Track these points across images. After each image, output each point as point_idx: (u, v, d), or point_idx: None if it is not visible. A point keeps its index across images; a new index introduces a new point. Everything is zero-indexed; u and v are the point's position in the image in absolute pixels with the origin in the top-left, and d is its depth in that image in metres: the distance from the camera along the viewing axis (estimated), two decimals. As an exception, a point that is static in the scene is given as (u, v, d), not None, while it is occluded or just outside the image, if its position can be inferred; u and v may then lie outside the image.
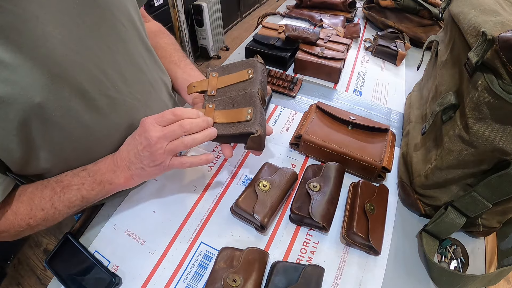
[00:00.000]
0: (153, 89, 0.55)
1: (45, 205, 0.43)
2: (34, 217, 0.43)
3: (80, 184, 0.44)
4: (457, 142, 0.42)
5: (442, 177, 0.47)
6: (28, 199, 0.43)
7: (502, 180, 0.39)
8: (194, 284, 0.45)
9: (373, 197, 0.52)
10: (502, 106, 0.35)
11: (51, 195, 0.43)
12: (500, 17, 0.37)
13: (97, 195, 0.46)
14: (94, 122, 0.44)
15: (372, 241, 0.46)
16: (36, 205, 0.43)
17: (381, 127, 0.62)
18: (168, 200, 0.55)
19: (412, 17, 0.98)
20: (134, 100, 0.49)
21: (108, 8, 0.43)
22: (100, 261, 0.47)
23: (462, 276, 0.44)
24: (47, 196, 0.43)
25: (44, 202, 0.43)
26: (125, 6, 0.48)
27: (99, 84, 0.43)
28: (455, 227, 0.46)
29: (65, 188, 0.44)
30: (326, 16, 1.06)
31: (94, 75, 0.42)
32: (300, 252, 0.49)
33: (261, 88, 0.51)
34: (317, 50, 0.82)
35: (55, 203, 0.43)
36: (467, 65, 0.40)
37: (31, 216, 0.43)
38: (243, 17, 3.20)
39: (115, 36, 0.45)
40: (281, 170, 0.55)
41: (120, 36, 0.46)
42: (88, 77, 0.41)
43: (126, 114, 0.48)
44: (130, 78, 0.48)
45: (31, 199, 0.43)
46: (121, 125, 0.48)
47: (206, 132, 0.45)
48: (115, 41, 0.45)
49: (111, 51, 0.44)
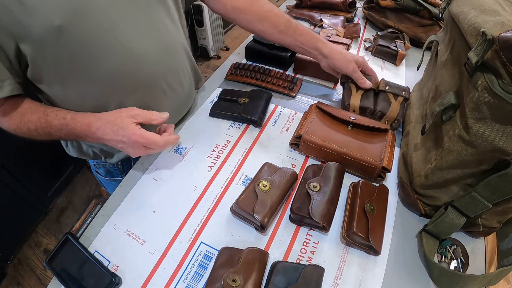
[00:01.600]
0: (168, 50, 0.59)
1: (30, 126, 0.53)
2: (20, 129, 0.53)
3: (59, 128, 0.53)
4: (457, 142, 0.42)
5: (442, 177, 0.47)
6: (22, 113, 0.52)
7: (502, 180, 0.39)
8: (194, 284, 0.45)
9: (373, 197, 0.52)
10: (502, 106, 0.35)
11: (36, 121, 0.52)
12: (500, 17, 0.37)
13: (73, 139, 0.58)
14: (103, 62, 0.50)
15: (372, 241, 0.46)
16: (24, 122, 0.52)
17: (381, 127, 0.62)
18: (168, 200, 0.55)
19: (412, 17, 0.98)
20: (141, 52, 0.53)
21: None
22: (100, 261, 0.47)
23: (462, 276, 0.44)
24: (33, 121, 0.52)
25: (30, 124, 0.52)
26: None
27: (115, 28, 0.48)
28: (455, 227, 0.46)
29: (47, 123, 0.52)
30: (326, 16, 1.06)
31: (113, 20, 0.48)
32: (300, 252, 0.49)
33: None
34: (317, 50, 0.81)
35: (38, 129, 0.53)
36: (467, 65, 0.40)
37: (19, 127, 0.53)
38: (243, 17, 3.20)
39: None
40: (281, 170, 0.55)
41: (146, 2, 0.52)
42: (108, 20, 0.47)
43: (129, 62, 0.52)
44: (144, 35, 0.53)
45: (23, 114, 0.52)
46: (122, 73, 0.52)
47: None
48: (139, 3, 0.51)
49: (136, 6, 0.51)
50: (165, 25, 0.57)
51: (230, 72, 0.82)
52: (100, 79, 0.51)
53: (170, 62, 0.59)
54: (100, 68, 0.50)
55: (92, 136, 0.52)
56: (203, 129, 0.68)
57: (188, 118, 0.71)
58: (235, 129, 0.68)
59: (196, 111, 0.73)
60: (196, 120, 0.70)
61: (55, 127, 0.52)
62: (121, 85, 0.54)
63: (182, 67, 0.64)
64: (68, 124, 0.52)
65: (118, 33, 0.49)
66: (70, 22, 0.43)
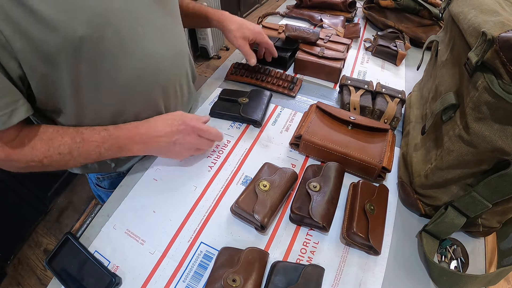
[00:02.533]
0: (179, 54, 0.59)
1: (64, 150, 0.47)
2: (50, 158, 0.47)
3: (100, 142, 0.49)
4: (457, 142, 0.42)
5: (442, 177, 0.47)
6: (48, 139, 0.46)
7: (502, 180, 0.39)
8: (194, 284, 0.45)
9: (373, 197, 0.52)
10: (502, 106, 0.35)
11: (70, 143, 0.47)
12: (500, 17, 0.37)
13: (112, 155, 0.52)
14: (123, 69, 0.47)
15: (372, 241, 0.46)
16: (54, 148, 0.46)
17: (381, 127, 0.62)
18: (168, 200, 0.55)
19: (412, 17, 0.98)
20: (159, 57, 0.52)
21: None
22: (100, 261, 0.47)
23: (462, 276, 0.44)
24: (67, 143, 0.47)
25: (63, 148, 0.47)
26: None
27: (135, 34, 0.47)
28: (455, 227, 0.46)
29: (84, 141, 0.48)
30: (326, 16, 1.06)
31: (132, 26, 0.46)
32: (300, 252, 0.49)
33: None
34: (317, 50, 0.82)
35: (73, 151, 0.48)
36: (467, 65, 0.40)
37: (47, 156, 0.46)
38: (243, 17, 3.20)
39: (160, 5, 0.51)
40: (281, 170, 0.55)
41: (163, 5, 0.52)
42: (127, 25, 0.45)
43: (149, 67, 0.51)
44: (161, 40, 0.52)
45: (50, 140, 0.46)
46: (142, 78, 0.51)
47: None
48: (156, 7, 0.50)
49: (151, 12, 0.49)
50: (176, 29, 0.57)
51: (230, 72, 0.82)
52: (119, 86, 0.49)
53: (181, 65, 0.60)
54: (121, 75, 0.48)
55: (139, 140, 0.51)
56: (203, 129, 0.68)
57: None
58: (235, 129, 0.68)
59: (196, 111, 0.73)
60: (196, 120, 0.70)
61: (95, 142, 0.48)
62: (139, 91, 0.52)
63: (187, 69, 0.64)
64: (111, 134, 0.50)
65: (137, 38, 0.48)
66: (92, 31, 0.41)
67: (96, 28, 0.41)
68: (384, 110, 0.66)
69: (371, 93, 0.71)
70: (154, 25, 0.51)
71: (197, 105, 0.74)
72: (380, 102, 0.68)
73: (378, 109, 0.67)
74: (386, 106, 0.67)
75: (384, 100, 0.68)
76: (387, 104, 0.67)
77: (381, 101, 0.68)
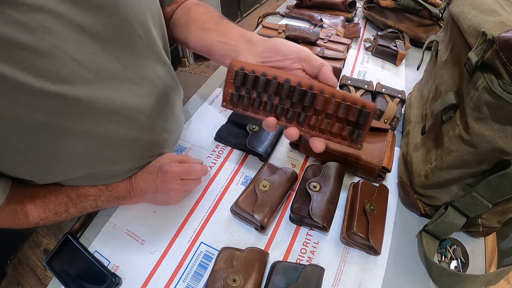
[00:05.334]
0: (163, 99, 0.51)
1: (59, 210, 0.45)
2: (46, 219, 0.45)
3: (97, 195, 0.48)
4: (457, 142, 0.42)
5: (442, 177, 0.47)
6: (42, 202, 0.44)
7: (502, 180, 0.39)
8: (194, 284, 0.45)
9: (373, 197, 0.52)
10: (502, 106, 0.35)
11: (66, 201, 0.46)
12: (500, 17, 0.37)
13: (109, 205, 0.51)
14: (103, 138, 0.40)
15: (372, 241, 0.46)
16: (50, 210, 0.45)
17: (381, 127, 0.62)
18: (168, 200, 0.55)
19: (412, 17, 0.97)
20: (142, 115, 0.45)
21: (126, 18, 0.39)
22: (100, 261, 0.47)
23: (462, 276, 0.44)
24: (62, 202, 0.45)
25: (58, 208, 0.45)
26: (144, 14, 0.43)
27: (111, 103, 0.39)
28: (455, 227, 0.46)
29: (81, 196, 0.46)
30: (326, 16, 1.06)
31: (104, 94, 0.38)
32: (300, 252, 0.49)
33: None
34: (317, 50, 0.82)
35: (69, 208, 0.46)
36: (467, 65, 0.40)
37: (43, 218, 0.45)
38: (243, 17, 3.20)
39: (129, 50, 0.41)
40: (281, 170, 0.55)
41: (134, 50, 0.42)
42: (98, 94, 0.37)
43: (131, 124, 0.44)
44: (140, 94, 0.44)
45: (45, 203, 0.44)
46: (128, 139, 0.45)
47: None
48: (128, 56, 0.41)
49: (123, 68, 0.40)
50: (157, 72, 0.48)
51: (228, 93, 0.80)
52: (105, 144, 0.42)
53: (165, 108, 0.52)
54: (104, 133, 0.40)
55: (134, 189, 0.50)
56: (203, 129, 0.68)
57: (188, 119, 0.71)
58: (235, 129, 0.68)
59: (196, 112, 0.72)
60: (196, 121, 0.70)
61: (92, 196, 0.47)
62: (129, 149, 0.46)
63: (174, 103, 0.56)
64: (110, 185, 0.48)
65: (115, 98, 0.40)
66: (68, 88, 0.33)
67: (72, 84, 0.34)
68: (384, 110, 0.66)
69: (371, 93, 0.71)
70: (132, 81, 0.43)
71: (196, 105, 0.74)
72: (380, 102, 0.68)
73: (378, 109, 0.67)
74: (386, 106, 0.67)
75: (384, 100, 0.68)
76: (387, 104, 0.67)
77: (381, 101, 0.68)
